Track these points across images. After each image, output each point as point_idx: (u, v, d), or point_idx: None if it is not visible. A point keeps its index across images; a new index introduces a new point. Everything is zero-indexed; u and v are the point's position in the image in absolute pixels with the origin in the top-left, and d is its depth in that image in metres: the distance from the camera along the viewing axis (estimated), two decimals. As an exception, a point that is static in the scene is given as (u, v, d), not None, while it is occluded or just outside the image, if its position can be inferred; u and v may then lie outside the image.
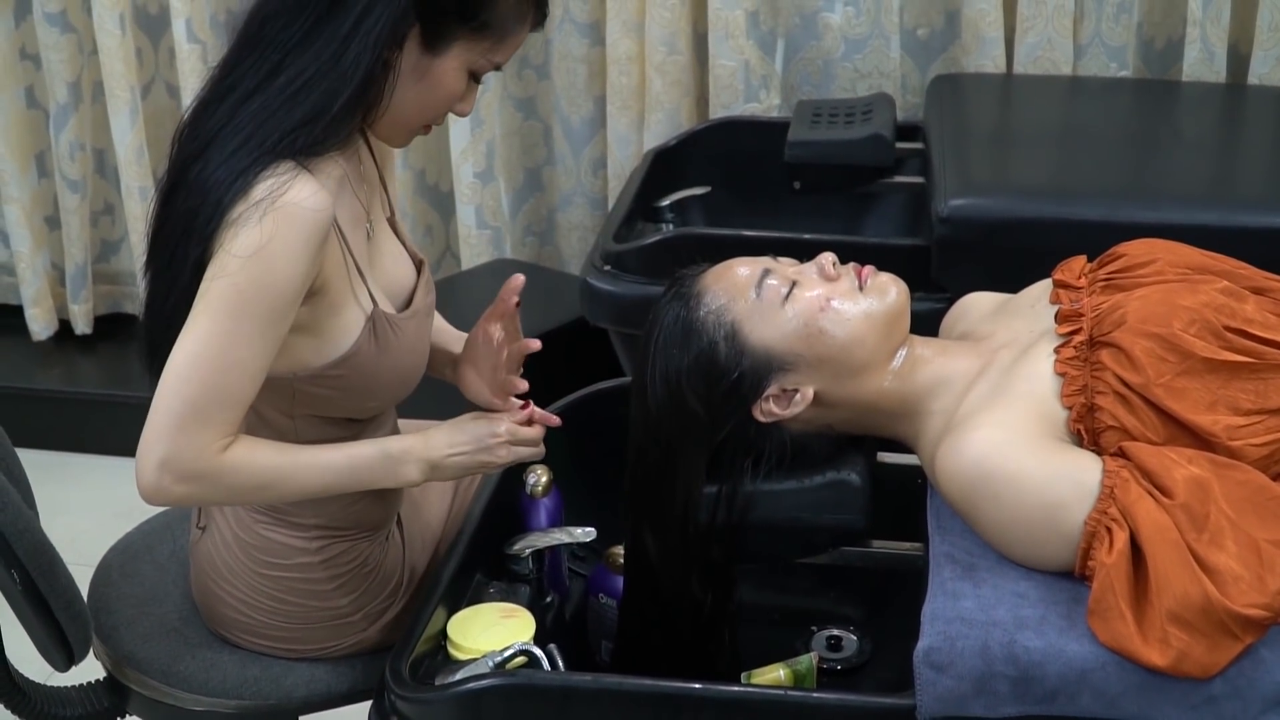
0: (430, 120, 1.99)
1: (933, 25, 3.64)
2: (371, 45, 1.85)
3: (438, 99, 1.94)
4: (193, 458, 1.83)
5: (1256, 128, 3.33)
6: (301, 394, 1.97)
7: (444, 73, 1.91)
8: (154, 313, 1.96)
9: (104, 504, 3.63)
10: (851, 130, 3.18)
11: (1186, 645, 1.64)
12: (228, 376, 1.82)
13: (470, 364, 2.13)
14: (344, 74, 1.85)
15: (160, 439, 1.83)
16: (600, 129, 3.82)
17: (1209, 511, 1.70)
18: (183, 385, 1.82)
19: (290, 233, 1.81)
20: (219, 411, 1.83)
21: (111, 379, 4.07)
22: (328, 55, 1.85)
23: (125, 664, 2.15)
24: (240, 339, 1.82)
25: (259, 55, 1.89)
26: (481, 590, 2.06)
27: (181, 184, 1.90)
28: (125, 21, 3.82)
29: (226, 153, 1.84)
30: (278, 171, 1.82)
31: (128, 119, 3.87)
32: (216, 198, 1.83)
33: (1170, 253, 2.00)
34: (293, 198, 1.81)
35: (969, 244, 2.73)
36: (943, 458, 1.86)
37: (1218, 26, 3.40)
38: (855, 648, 2.23)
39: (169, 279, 1.91)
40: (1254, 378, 1.82)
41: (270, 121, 1.85)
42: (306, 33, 1.86)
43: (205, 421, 1.82)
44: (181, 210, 1.88)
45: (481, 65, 1.95)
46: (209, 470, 1.84)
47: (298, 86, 1.85)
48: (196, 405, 1.82)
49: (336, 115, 1.86)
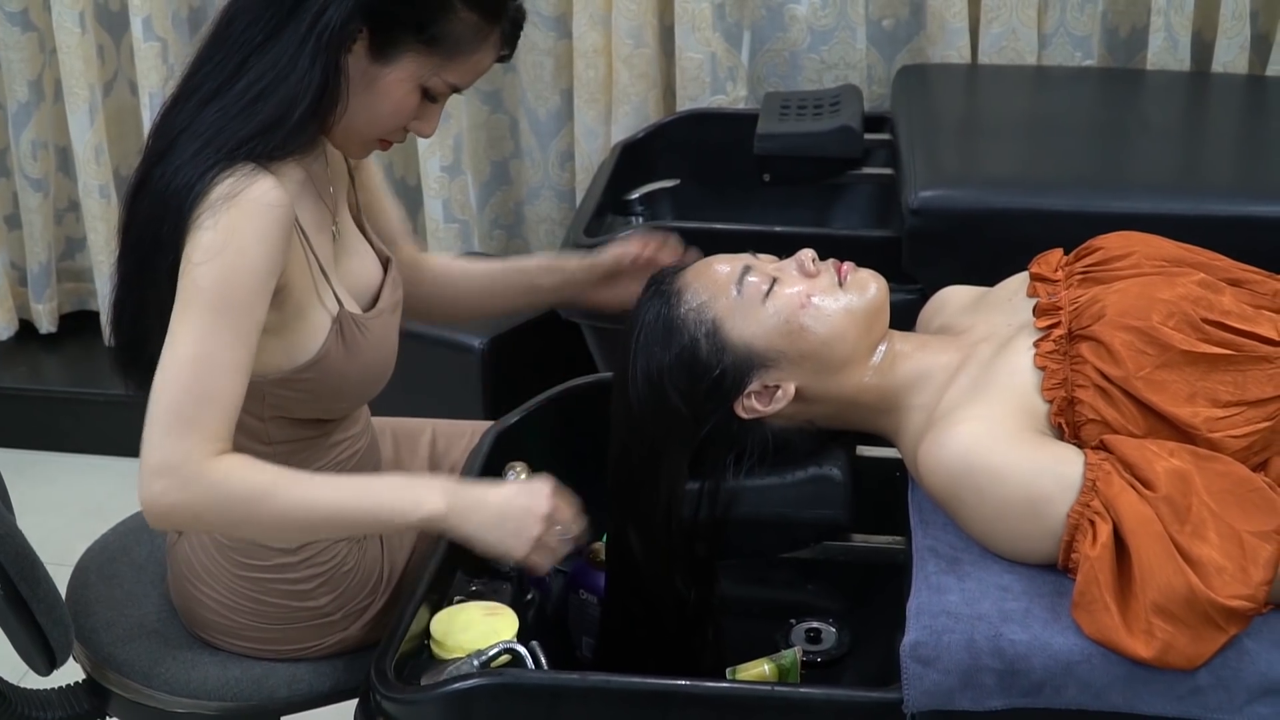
0: (383, 134, 1.96)
1: (898, 16, 3.66)
2: (324, 48, 1.83)
3: (385, 112, 1.92)
4: (180, 462, 1.78)
5: (1222, 116, 3.36)
6: (272, 396, 1.97)
7: (391, 84, 1.89)
8: (126, 319, 1.96)
9: (73, 502, 3.63)
10: (820, 122, 3.19)
11: (1171, 636, 1.65)
12: (207, 377, 1.80)
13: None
14: (300, 79, 1.84)
15: (150, 449, 1.80)
16: (567, 122, 3.82)
17: (1191, 503, 1.72)
18: (164, 392, 1.81)
19: (249, 227, 1.80)
20: (203, 413, 1.80)
21: (78, 377, 4.05)
22: (285, 59, 1.84)
23: (105, 666, 2.14)
24: (214, 338, 1.80)
25: (224, 54, 1.89)
26: (463, 588, 2.05)
27: (145, 186, 1.90)
28: (85, 19, 3.80)
29: (186, 155, 1.84)
30: (237, 172, 1.82)
31: (86, 117, 3.85)
32: (177, 204, 1.82)
33: (1147, 245, 2.01)
34: (250, 195, 1.80)
35: (940, 235, 2.73)
36: (925, 452, 1.86)
37: (1181, 15, 3.43)
38: (835, 640, 2.24)
39: (139, 287, 1.91)
40: (1232, 369, 1.84)
41: (229, 127, 1.84)
42: (269, 34, 1.85)
43: (190, 424, 1.79)
44: (145, 217, 1.88)
45: (435, 84, 1.91)
46: (197, 475, 1.79)
47: (255, 93, 1.85)
48: (180, 409, 1.80)
49: (294, 125, 1.86)
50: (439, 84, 1.92)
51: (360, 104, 1.90)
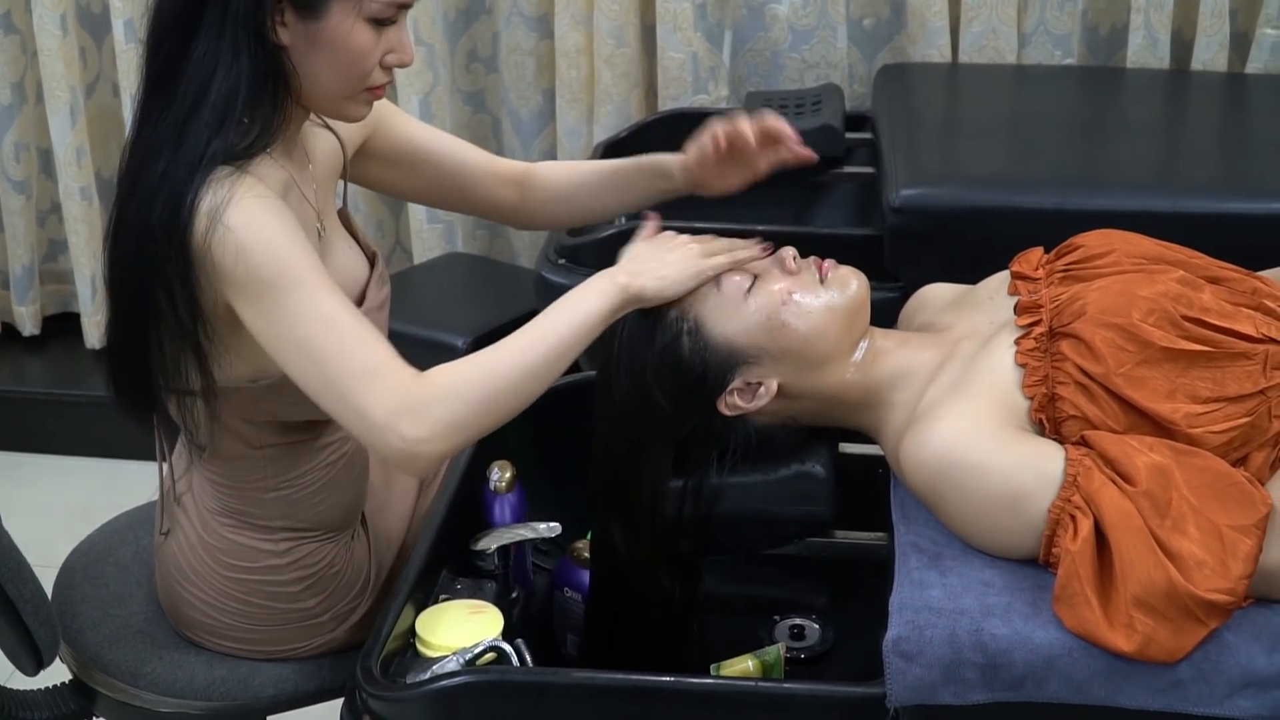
0: (360, 82, 1.90)
1: (878, 15, 3.67)
2: (244, 34, 1.81)
3: (349, 59, 1.86)
4: (402, 400, 1.76)
5: (1201, 114, 3.37)
6: (264, 400, 1.96)
7: (335, 32, 1.84)
8: (131, 360, 1.94)
9: (58, 504, 3.63)
10: (802, 121, 3.20)
11: (1152, 630, 1.66)
12: (346, 329, 1.79)
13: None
14: (227, 73, 1.81)
15: (366, 415, 1.77)
16: (550, 122, 3.83)
17: (1171, 498, 1.73)
18: (326, 371, 1.78)
19: (256, 212, 1.79)
20: (374, 355, 1.78)
21: (61, 378, 4.05)
22: (207, 57, 1.82)
23: (92, 666, 2.15)
24: (313, 300, 1.78)
25: (158, 72, 1.86)
26: (448, 587, 2.06)
27: (123, 223, 1.88)
28: (67, 21, 3.79)
29: (155, 177, 1.82)
30: (214, 183, 1.80)
31: (67, 119, 3.84)
32: (167, 233, 1.80)
33: (1126, 243, 2.02)
34: (237, 195, 1.79)
35: (921, 233, 2.75)
36: (907, 448, 1.87)
37: (1161, 13, 3.44)
38: (818, 636, 2.25)
39: (142, 326, 1.89)
40: (1212, 366, 1.85)
41: (186, 142, 1.81)
42: (188, 39, 1.83)
43: (376, 370, 1.77)
44: (134, 251, 1.85)
45: (374, 8, 1.85)
46: (425, 399, 1.77)
47: (192, 100, 1.82)
48: (355, 368, 1.77)
49: (244, 118, 1.83)
50: (378, 7, 1.85)
51: (320, 66, 1.86)
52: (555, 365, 1.85)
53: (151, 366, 1.91)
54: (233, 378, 1.93)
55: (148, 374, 1.92)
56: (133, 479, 3.36)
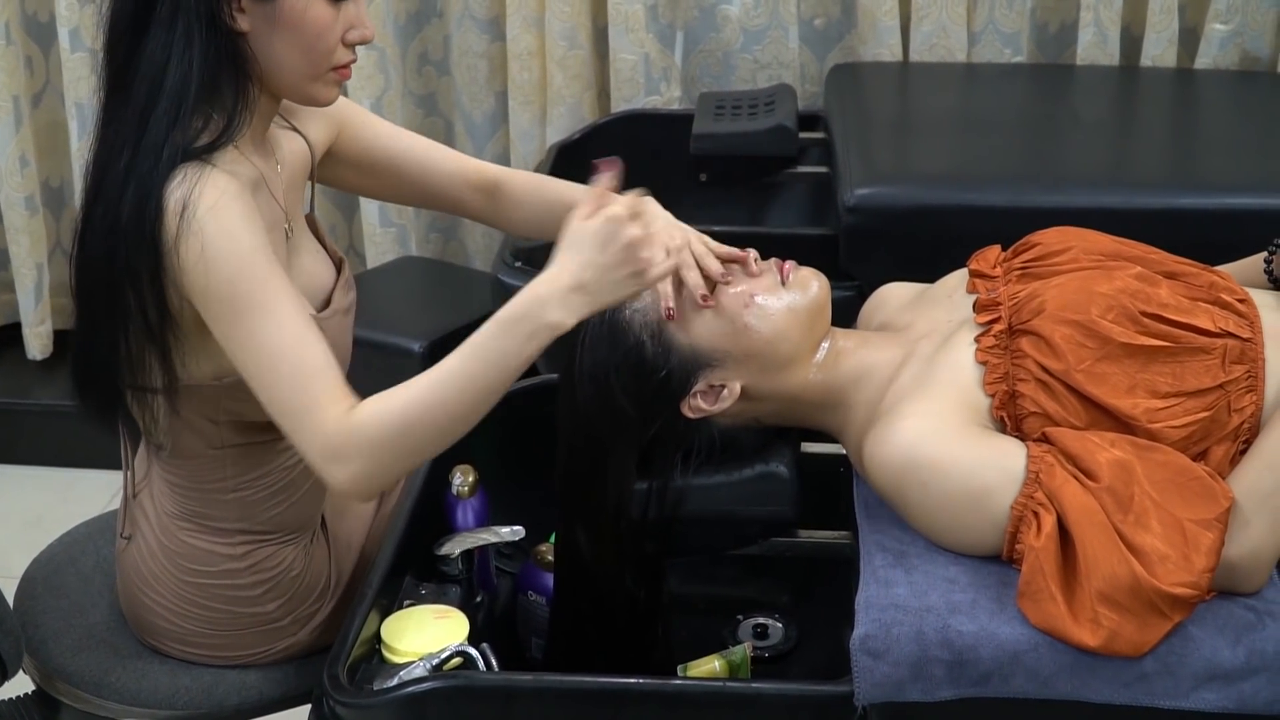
0: (324, 61, 1.89)
1: (829, 15, 3.68)
2: (195, 22, 1.81)
3: (309, 37, 1.86)
4: (333, 441, 1.78)
5: (1152, 109, 3.40)
6: (227, 400, 1.96)
7: (293, 11, 1.84)
8: (96, 361, 1.93)
9: (12, 514, 3.61)
10: (755, 121, 3.21)
11: (1117, 625, 1.68)
12: (295, 358, 1.80)
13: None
14: (180, 61, 1.81)
15: (306, 448, 1.81)
16: (502, 124, 3.82)
17: (1133, 493, 1.74)
18: (275, 396, 1.81)
19: (223, 217, 1.79)
20: (315, 387, 1.80)
21: (9, 388, 3.99)
22: (159, 49, 1.82)
23: (55, 677, 2.13)
24: (271, 321, 1.80)
25: (113, 70, 1.86)
26: (412, 592, 2.06)
27: (90, 225, 1.88)
28: (10, 30, 3.75)
29: (119, 174, 1.82)
30: (180, 177, 1.80)
31: (10, 128, 3.79)
32: (137, 231, 1.80)
33: (1084, 240, 2.03)
34: (204, 192, 1.79)
35: (876, 232, 2.76)
36: (870, 447, 1.88)
37: (1110, 9, 3.47)
38: (781, 635, 2.25)
39: (109, 328, 1.88)
40: (1171, 361, 1.86)
41: (147, 138, 1.81)
42: (140, 33, 1.82)
43: (313, 406, 1.79)
44: (103, 253, 1.85)
45: None
46: (353, 441, 1.78)
47: (147, 93, 1.82)
48: (297, 400, 1.79)
49: (199, 103, 1.83)
50: None
51: (281, 48, 1.86)
52: (486, 405, 1.83)
53: (117, 366, 1.90)
54: (196, 376, 1.93)
55: (113, 376, 1.91)
56: (88, 487, 3.36)
